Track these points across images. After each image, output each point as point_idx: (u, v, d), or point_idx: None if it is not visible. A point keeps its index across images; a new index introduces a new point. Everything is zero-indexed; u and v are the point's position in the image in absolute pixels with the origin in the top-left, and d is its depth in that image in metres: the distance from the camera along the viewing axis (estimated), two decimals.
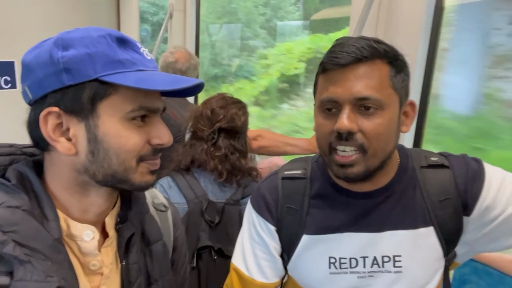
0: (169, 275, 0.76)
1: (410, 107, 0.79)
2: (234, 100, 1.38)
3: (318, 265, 0.83)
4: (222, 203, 1.27)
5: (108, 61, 0.57)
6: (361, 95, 0.70)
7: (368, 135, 0.72)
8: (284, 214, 0.86)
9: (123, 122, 0.59)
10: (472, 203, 0.78)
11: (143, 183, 0.63)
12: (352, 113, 0.72)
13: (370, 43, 0.72)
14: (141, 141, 0.60)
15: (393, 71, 0.73)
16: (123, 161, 0.59)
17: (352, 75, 0.71)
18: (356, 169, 0.74)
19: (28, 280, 0.52)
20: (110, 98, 0.57)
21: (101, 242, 0.66)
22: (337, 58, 0.72)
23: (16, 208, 0.55)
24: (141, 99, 0.59)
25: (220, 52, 4.23)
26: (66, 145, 0.58)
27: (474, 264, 1.39)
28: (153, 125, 0.62)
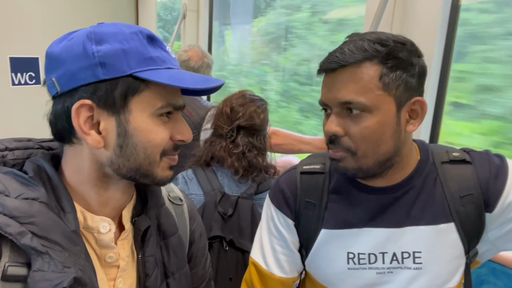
0: (185, 268, 0.77)
1: (418, 105, 0.75)
2: (254, 97, 1.39)
3: (336, 260, 0.83)
4: (236, 196, 1.29)
5: (141, 57, 0.58)
6: (344, 99, 0.72)
7: (354, 138, 0.73)
8: (303, 208, 0.86)
9: (152, 118, 0.60)
10: (494, 200, 0.77)
11: (163, 177, 0.64)
12: (339, 117, 0.74)
13: (360, 44, 0.72)
14: (167, 136, 0.62)
15: (385, 70, 0.71)
16: (149, 155, 0.61)
17: (339, 80, 0.73)
18: (346, 164, 0.76)
19: (45, 270, 0.53)
20: (142, 94, 0.59)
21: (117, 235, 0.67)
22: (324, 64, 0.74)
23: (33, 200, 0.56)
24: (169, 96, 0.61)
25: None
26: (96, 138, 0.59)
27: (492, 264, 1.37)
28: (176, 122, 0.64)
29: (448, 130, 1.62)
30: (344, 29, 2.38)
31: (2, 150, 0.62)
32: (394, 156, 0.76)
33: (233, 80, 3.24)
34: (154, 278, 0.69)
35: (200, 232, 0.84)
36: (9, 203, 0.54)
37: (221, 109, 1.37)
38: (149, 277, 0.68)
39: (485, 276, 1.39)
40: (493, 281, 1.37)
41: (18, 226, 0.53)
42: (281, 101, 2.89)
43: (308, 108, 2.70)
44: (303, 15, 2.71)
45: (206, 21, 2.78)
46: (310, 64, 2.66)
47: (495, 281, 1.37)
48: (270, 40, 3.02)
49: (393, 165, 0.77)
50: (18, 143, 0.64)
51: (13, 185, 0.56)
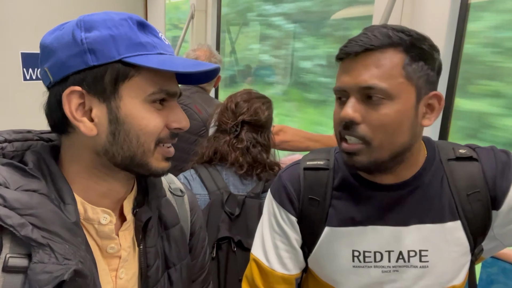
0: (187, 259, 0.77)
1: (436, 99, 0.74)
2: (259, 95, 1.39)
3: (341, 258, 0.82)
4: (242, 195, 1.28)
5: (131, 43, 0.57)
6: (366, 84, 0.69)
7: (372, 126, 0.70)
8: (306, 205, 0.85)
9: (144, 104, 0.59)
10: (501, 197, 0.76)
11: (159, 169, 0.64)
12: (357, 103, 0.71)
13: (385, 31, 0.70)
14: (161, 124, 0.61)
15: (408, 59, 0.70)
16: (142, 143, 0.60)
17: (361, 64, 0.70)
18: (361, 158, 0.73)
19: (46, 262, 0.53)
20: (132, 80, 0.58)
21: (119, 226, 0.67)
22: (347, 47, 0.72)
23: (33, 191, 0.56)
24: (161, 82, 0.60)
25: None
26: (89, 125, 0.58)
27: (502, 264, 1.36)
28: (171, 109, 0.63)
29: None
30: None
31: (1, 142, 0.61)
32: (407, 150, 0.74)
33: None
34: (156, 268, 0.69)
35: (200, 224, 0.84)
36: (9, 195, 0.53)
37: (226, 105, 1.37)
38: (150, 268, 0.69)
39: (495, 275, 1.37)
40: (504, 280, 1.35)
41: (18, 218, 0.53)
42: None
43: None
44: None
45: (214, 21, 2.79)
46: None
47: (505, 281, 1.35)
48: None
49: (404, 161, 0.76)
50: (18, 135, 0.64)
51: (13, 177, 0.56)
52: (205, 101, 1.85)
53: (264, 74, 3.11)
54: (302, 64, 2.83)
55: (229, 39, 3.20)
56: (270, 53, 3.06)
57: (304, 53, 2.79)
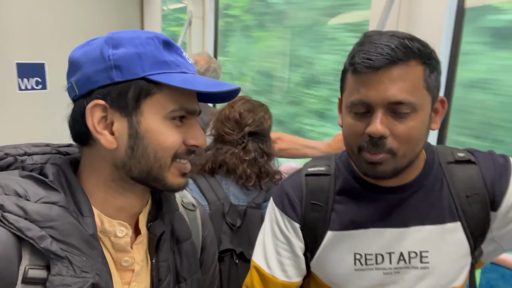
0: (197, 273, 0.77)
1: (440, 104, 0.77)
2: (259, 103, 1.38)
3: (343, 261, 0.82)
4: (244, 206, 1.25)
5: (155, 61, 0.59)
6: (396, 99, 0.68)
7: (400, 138, 0.70)
8: (309, 211, 0.85)
9: (164, 121, 0.61)
10: (499, 198, 0.77)
11: (175, 185, 0.65)
12: (384, 117, 0.70)
13: (404, 42, 0.69)
14: (179, 140, 0.62)
15: (428, 71, 0.70)
16: (159, 158, 0.61)
17: (386, 78, 0.68)
18: (385, 167, 0.72)
19: (64, 275, 0.54)
20: (154, 97, 0.60)
21: (133, 240, 0.68)
22: (371, 60, 0.68)
23: (53, 204, 0.57)
24: (182, 100, 0.62)
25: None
26: (109, 139, 0.60)
27: (502, 270, 1.35)
28: (190, 126, 0.64)
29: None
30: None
31: (21, 155, 0.63)
32: (417, 157, 0.76)
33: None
34: (167, 283, 0.70)
35: (211, 239, 0.85)
36: (30, 207, 0.55)
37: (227, 115, 1.33)
38: (162, 282, 0.69)
39: (494, 281, 1.37)
40: (503, 286, 1.35)
41: (38, 230, 0.54)
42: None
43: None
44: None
45: (211, 28, 2.80)
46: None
47: (505, 286, 1.35)
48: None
49: (410, 165, 0.76)
50: (36, 148, 0.65)
51: (33, 189, 0.57)
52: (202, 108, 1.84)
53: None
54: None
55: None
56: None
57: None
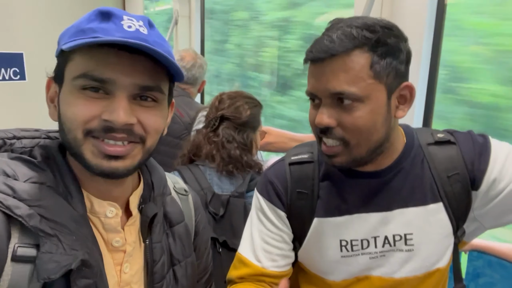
0: (191, 256, 0.77)
1: (407, 90, 0.74)
2: (247, 95, 1.39)
3: (329, 249, 0.82)
4: (227, 195, 1.26)
5: (75, 31, 0.58)
6: (335, 90, 0.70)
7: (348, 129, 0.71)
8: (295, 199, 0.85)
9: (71, 90, 0.57)
10: (479, 177, 0.77)
11: (93, 165, 0.58)
12: (331, 108, 0.71)
13: (349, 31, 0.69)
14: (85, 113, 0.56)
15: (376, 58, 0.69)
16: (69, 130, 0.58)
17: (328, 69, 0.70)
18: (341, 159, 0.74)
19: (54, 252, 0.54)
20: (68, 65, 0.58)
21: (125, 221, 0.67)
22: (312, 52, 0.71)
23: (41, 184, 0.57)
24: (91, 67, 0.56)
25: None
26: (52, 110, 0.62)
27: (488, 257, 1.37)
28: (112, 100, 0.57)
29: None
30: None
31: (10, 139, 0.63)
32: (384, 142, 0.76)
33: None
34: (161, 264, 0.69)
35: (204, 225, 0.84)
36: (18, 186, 0.55)
37: (212, 102, 1.39)
38: (156, 263, 0.69)
39: (481, 268, 1.38)
40: (490, 273, 1.37)
41: (27, 209, 0.54)
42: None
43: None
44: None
45: (198, 27, 2.80)
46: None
47: (491, 273, 1.36)
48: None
49: (383, 152, 0.77)
50: (26, 133, 0.65)
51: (21, 170, 0.57)
52: (188, 104, 1.85)
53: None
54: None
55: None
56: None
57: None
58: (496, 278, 1.36)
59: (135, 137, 0.59)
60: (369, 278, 0.82)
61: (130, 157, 0.60)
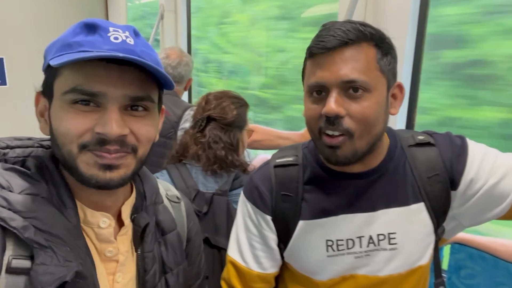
0: (183, 263, 0.78)
1: (398, 89, 0.80)
2: (233, 95, 1.40)
3: (315, 249, 0.84)
4: (210, 193, 1.28)
5: (61, 45, 0.58)
6: (348, 78, 0.71)
7: (356, 118, 0.72)
8: (279, 202, 0.86)
9: (62, 104, 0.57)
10: (458, 177, 0.80)
11: (88, 175, 0.58)
12: (339, 97, 0.72)
13: (356, 26, 0.73)
14: (78, 127, 0.56)
15: (380, 54, 0.73)
16: (63, 145, 0.58)
17: (339, 58, 0.71)
18: (344, 151, 0.74)
19: (48, 264, 0.54)
20: (57, 80, 0.58)
21: (117, 231, 0.67)
22: (323, 42, 0.72)
23: (36, 195, 0.57)
24: (81, 81, 0.56)
25: None
26: (42, 125, 0.63)
27: (469, 250, 1.41)
28: (104, 113, 0.57)
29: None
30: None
31: (3, 148, 0.63)
32: (379, 138, 0.78)
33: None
34: (153, 273, 0.70)
35: (196, 231, 0.85)
36: (13, 198, 0.55)
37: (198, 102, 1.40)
38: (148, 272, 0.69)
39: (462, 261, 1.42)
40: (471, 265, 1.40)
41: (21, 221, 0.54)
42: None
43: None
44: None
45: (184, 21, 2.77)
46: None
47: (473, 266, 1.40)
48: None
49: (374, 151, 0.79)
50: (19, 142, 0.65)
51: (16, 181, 0.57)
52: (174, 103, 1.84)
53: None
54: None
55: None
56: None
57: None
58: (477, 270, 1.39)
59: (127, 147, 0.59)
60: (354, 277, 0.84)
61: (124, 166, 0.60)
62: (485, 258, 1.37)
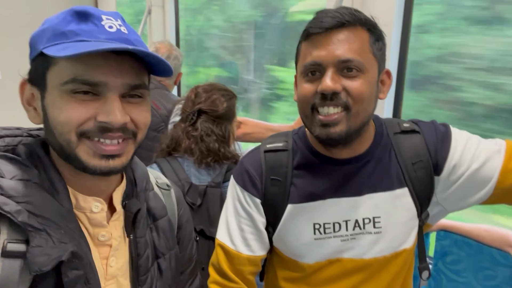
0: (175, 249, 0.79)
1: (386, 75, 0.84)
2: (222, 87, 1.41)
3: (303, 232, 0.86)
4: (204, 185, 1.29)
5: (54, 34, 0.57)
6: (345, 57, 0.74)
7: (352, 94, 0.75)
8: (269, 186, 0.88)
9: (61, 94, 0.58)
10: (441, 163, 0.83)
11: (90, 165, 0.60)
12: (335, 75, 0.75)
13: (351, 10, 0.77)
14: (79, 115, 0.58)
15: (373, 38, 0.77)
16: (62, 134, 0.59)
17: (335, 38, 0.75)
18: (339, 128, 0.76)
19: (44, 246, 0.55)
20: (52, 70, 0.58)
21: (109, 217, 0.69)
22: (321, 22, 0.75)
23: (27, 180, 0.58)
24: (80, 71, 0.57)
25: None
26: (31, 114, 0.63)
27: (454, 236, 1.44)
28: (105, 102, 0.58)
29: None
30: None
31: None
32: (368, 121, 0.81)
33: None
34: (146, 258, 0.72)
35: (187, 218, 0.87)
36: (5, 183, 0.56)
37: (188, 95, 1.40)
38: (141, 257, 0.71)
39: (448, 247, 1.45)
40: (456, 251, 1.44)
41: (15, 205, 0.55)
42: None
43: None
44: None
45: (172, 17, 2.76)
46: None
47: (458, 252, 1.44)
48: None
49: (361, 134, 0.81)
50: (8, 131, 0.66)
51: (7, 168, 0.58)
52: (164, 97, 1.84)
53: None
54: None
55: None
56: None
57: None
58: (462, 256, 1.43)
59: (128, 133, 0.62)
60: (340, 261, 0.87)
61: (125, 153, 0.63)
62: (469, 244, 1.40)
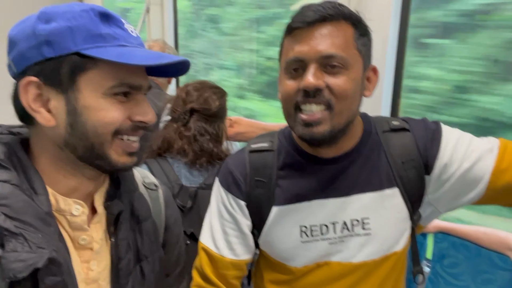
0: (159, 252, 0.77)
1: (372, 72, 0.81)
2: (212, 85, 1.38)
3: (289, 235, 0.83)
4: (194, 187, 1.26)
5: (89, 35, 0.58)
6: (327, 53, 0.71)
7: (335, 91, 0.72)
8: (253, 187, 0.86)
9: (104, 97, 0.60)
10: (432, 162, 0.80)
11: (119, 163, 0.63)
12: (318, 71, 0.72)
13: (334, 4, 0.74)
14: (121, 116, 0.61)
15: (357, 34, 0.75)
16: (100, 134, 0.60)
17: (318, 33, 0.72)
18: (322, 128, 0.74)
19: (19, 251, 0.53)
20: (90, 73, 0.58)
21: (90, 219, 0.67)
22: (304, 16, 0.73)
23: (4, 182, 0.57)
24: (123, 75, 0.60)
25: None
26: (46, 116, 0.59)
27: (452, 239, 1.41)
28: (136, 102, 0.63)
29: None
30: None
31: None
32: (352, 120, 0.78)
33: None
34: (127, 261, 0.70)
35: (175, 219, 0.85)
36: None
37: (177, 94, 1.36)
38: (121, 260, 0.69)
39: (445, 250, 1.42)
40: (454, 254, 1.41)
41: None
42: None
43: None
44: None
45: (171, 15, 2.75)
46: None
47: (456, 254, 1.40)
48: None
49: (346, 133, 0.78)
50: None
51: None
52: (156, 95, 1.83)
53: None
54: None
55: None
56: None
57: None
58: (460, 259, 1.40)
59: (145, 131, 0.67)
60: (328, 264, 0.84)
61: (140, 150, 0.67)
62: (468, 247, 1.37)
